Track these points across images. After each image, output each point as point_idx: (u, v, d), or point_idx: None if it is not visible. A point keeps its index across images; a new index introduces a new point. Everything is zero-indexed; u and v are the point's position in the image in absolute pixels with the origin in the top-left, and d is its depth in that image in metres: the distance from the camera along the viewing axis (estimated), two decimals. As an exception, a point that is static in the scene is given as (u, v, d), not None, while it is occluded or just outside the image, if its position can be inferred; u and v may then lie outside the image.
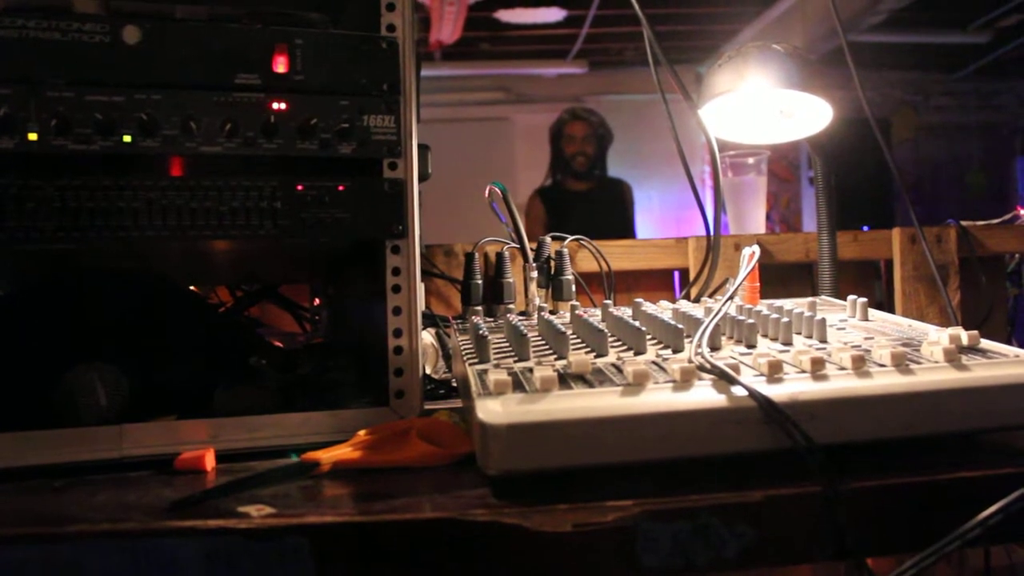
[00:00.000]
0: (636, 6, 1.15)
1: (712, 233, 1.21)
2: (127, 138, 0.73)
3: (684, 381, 0.63)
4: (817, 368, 0.65)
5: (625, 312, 0.87)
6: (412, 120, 0.81)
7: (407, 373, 0.80)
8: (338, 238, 0.79)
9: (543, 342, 0.80)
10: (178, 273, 1.02)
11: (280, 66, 0.77)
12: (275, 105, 0.77)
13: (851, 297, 0.92)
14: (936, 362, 0.68)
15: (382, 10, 0.81)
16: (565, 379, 0.65)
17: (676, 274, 1.52)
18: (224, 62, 0.76)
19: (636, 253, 1.44)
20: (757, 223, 1.57)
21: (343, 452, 0.69)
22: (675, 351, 0.74)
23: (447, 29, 4.98)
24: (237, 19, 0.79)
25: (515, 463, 0.59)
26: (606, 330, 0.77)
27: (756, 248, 0.94)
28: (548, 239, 1.11)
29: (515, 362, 0.72)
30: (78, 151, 0.72)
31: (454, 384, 1.03)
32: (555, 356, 0.74)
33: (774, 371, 0.65)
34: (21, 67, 0.71)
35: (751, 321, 0.77)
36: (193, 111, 0.75)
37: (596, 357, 0.73)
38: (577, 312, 0.87)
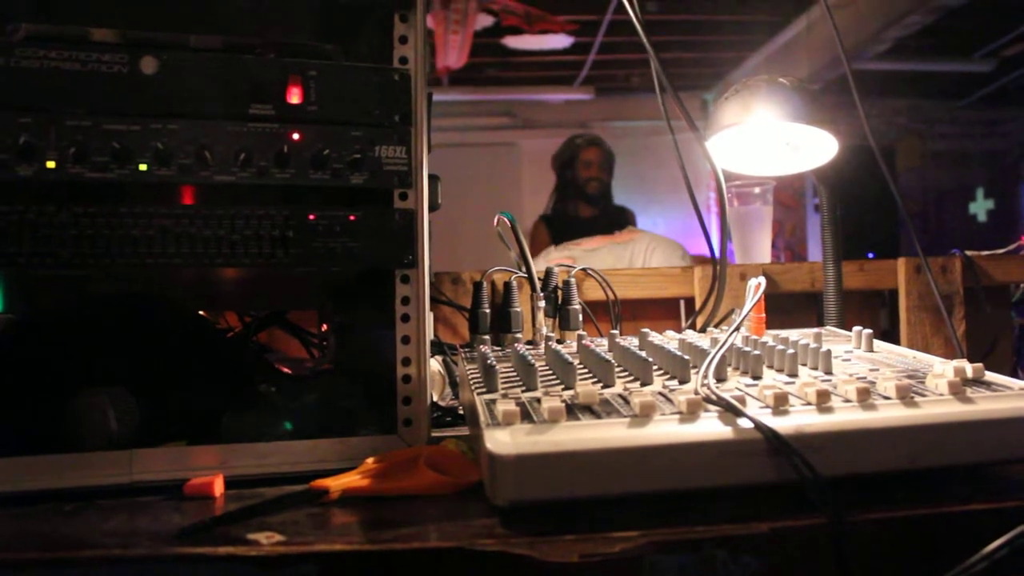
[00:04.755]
0: (643, 36, 1.16)
1: (718, 263, 1.22)
2: (143, 166, 0.74)
3: (690, 413, 0.64)
4: (822, 400, 0.66)
5: (632, 342, 0.88)
6: (423, 151, 0.82)
7: (415, 401, 0.81)
8: (349, 267, 0.80)
9: (551, 372, 0.81)
10: (188, 298, 1.03)
11: (294, 97, 0.79)
12: (288, 135, 0.78)
13: (856, 328, 0.93)
14: (941, 395, 0.68)
15: (395, 42, 0.82)
16: (573, 410, 0.66)
17: (682, 302, 1.53)
18: (239, 93, 0.77)
19: (642, 282, 1.45)
20: (763, 252, 1.57)
21: (352, 480, 0.70)
22: (682, 382, 0.74)
23: (453, 55, 5.03)
24: (251, 50, 0.80)
25: (523, 493, 0.59)
26: (613, 360, 0.77)
27: (762, 279, 0.94)
28: (556, 268, 1.12)
29: (523, 392, 0.73)
30: (95, 179, 0.73)
31: (461, 411, 1.03)
32: (563, 386, 0.75)
33: (780, 403, 0.65)
34: (41, 96, 0.73)
35: (757, 352, 0.77)
36: (208, 140, 0.76)
37: (603, 388, 0.73)
38: (584, 342, 0.88)
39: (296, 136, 0.78)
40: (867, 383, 0.69)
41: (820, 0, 1.23)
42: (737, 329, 0.84)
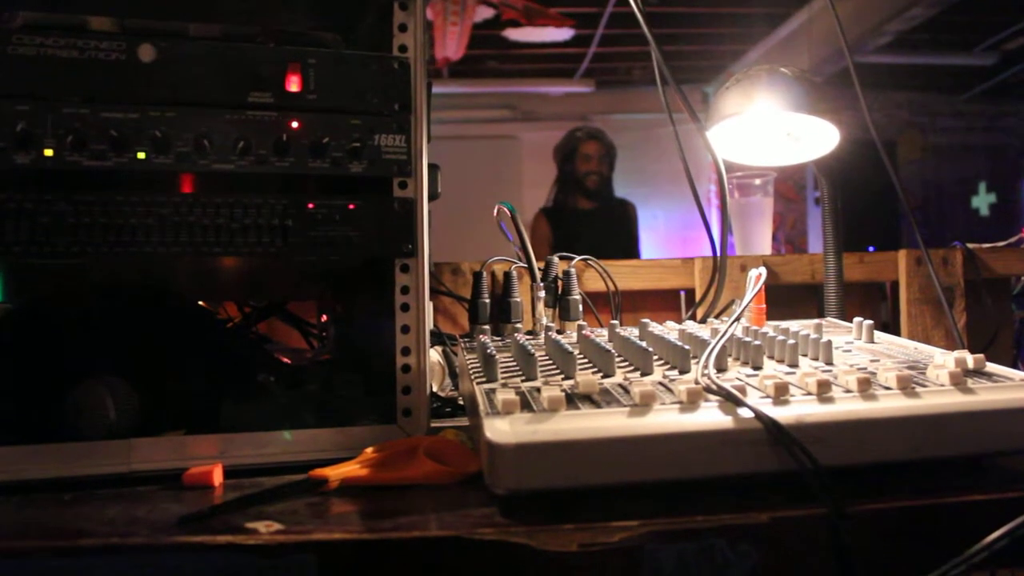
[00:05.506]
0: (644, 27, 1.16)
1: (719, 254, 1.22)
2: (141, 155, 0.74)
3: (691, 402, 0.64)
4: (823, 391, 0.66)
5: (632, 332, 0.88)
6: (423, 139, 0.82)
7: (415, 391, 0.80)
8: (348, 256, 0.79)
9: (550, 362, 0.81)
10: (187, 288, 1.03)
11: (293, 85, 0.78)
12: (288, 123, 0.78)
13: (857, 319, 0.93)
14: (942, 385, 0.68)
15: (394, 31, 0.82)
16: (572, 399, 0.66)
17: (683, 294, 1.53)
18: (238, 81, 0.77)
19: (643, 273, 1.45)
20: (763, 244, 1.57)
21: (351, 469, 0.69)
22: (682, 372, 0.74)
23: (451, 47, 5.02)
24: (251, 38, 0.80)
25: (522, 482, 0.59)
26: (613, 350, 0.77)
27: (763, 270, 0.94)
28: (556, 259, 1.11)
29: (522, 382, 0.73)
30: (93, 167, 0.73)
31: (460, 402, 1.03)
32: (562, 376, 0.74)
33: (780, 393, 0.65)
34: (39, 84, 0.72)
35: (757, 343, 0.77)
36: (206, 128, 0.76)
37: (603, 377, 0.73)
38: (584, 332, 0.87)
39: (295, 124, 0.78)
40: (868, 373, 0.69)
41: (822, -10, 1.23)
42: (738, 319, 0.84)
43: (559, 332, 0.98)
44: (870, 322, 0.91)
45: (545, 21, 4.98)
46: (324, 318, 1.23)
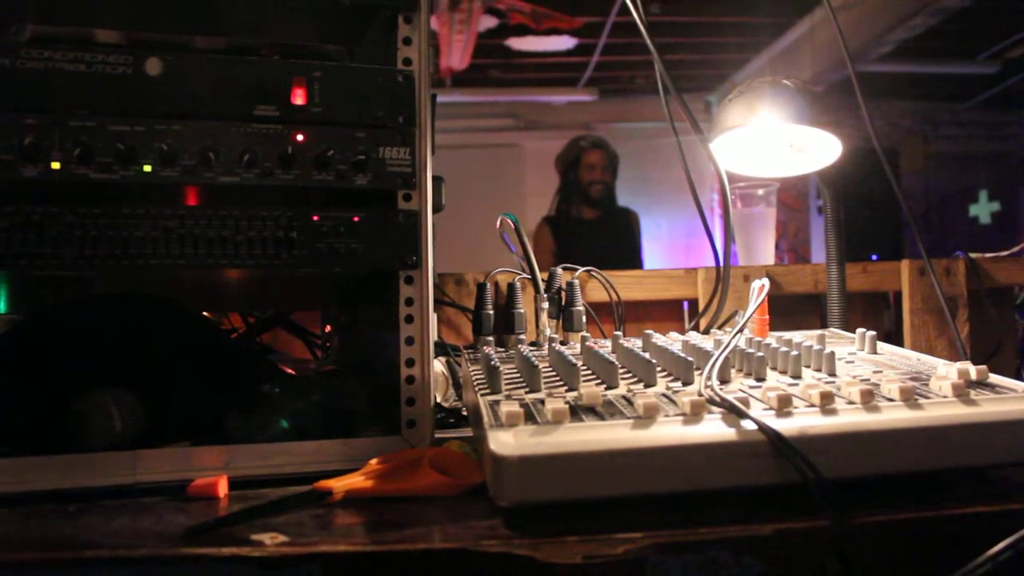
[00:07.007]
0: (646, 37, 1.16)
1: (722, 265, 1.22)
2: (147, 167, 0.75)
3: (694, 414, 0.64)
4: (826, 402, 0.66)
5: (635, 344, 0.88)
6: (427, 152, 0.82)
7: (419, 403, 0.81)
8: (353, 268, 0.80)
9: (554, 373, 0.81)
10: (192, 299, 1.03)
11: (298, 98, 0.79)
12: (293, 136, 0.78)
13: (860, 330, 0.93)
14: (944, 397, 0.68)
15: (399, 44, 0.82)
16: (576, 411, 0.66)
17: (686, 304, 1.53)
18: (243, 94, 0.78)
19: (646, 283, 1.45)
20: (766, 254, 1.57)
21: (355, 481, 0.70)
22: (685, 384, 0.74)
23: (456, 56, 5.03)
24: (256, 51, 0.81)
25: (526, 495, 0.59)
26: (617, 362, 0.77)
27: (766, 281, 0.94)
28: (560, 270, 1.12)
29: (526, 393, 0.73)
30: (99, 180, 0.73)
31: (464, 413, 1.03)
32: (566, 388, 0.75)
33: (783, 405, 0.65)
34: (47, 97, 0.73)
35: (760, 354, 0.77)
36: (212, 142, 0.76)
37: (607, 389, 0.73)
38: (588, 343, 0.88)
39: (300, 137, 0.78)
40: (871, 385, 0.69)
41: (824, 1, 1.23)
42: (741, 331, 0.84)
43: (563, 343, 0.98)
44: (873, 333, 0.91)
45: (553, 23, 4.97)
46: (328, 328, 1.24)
